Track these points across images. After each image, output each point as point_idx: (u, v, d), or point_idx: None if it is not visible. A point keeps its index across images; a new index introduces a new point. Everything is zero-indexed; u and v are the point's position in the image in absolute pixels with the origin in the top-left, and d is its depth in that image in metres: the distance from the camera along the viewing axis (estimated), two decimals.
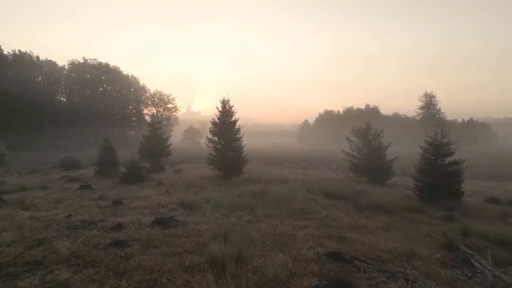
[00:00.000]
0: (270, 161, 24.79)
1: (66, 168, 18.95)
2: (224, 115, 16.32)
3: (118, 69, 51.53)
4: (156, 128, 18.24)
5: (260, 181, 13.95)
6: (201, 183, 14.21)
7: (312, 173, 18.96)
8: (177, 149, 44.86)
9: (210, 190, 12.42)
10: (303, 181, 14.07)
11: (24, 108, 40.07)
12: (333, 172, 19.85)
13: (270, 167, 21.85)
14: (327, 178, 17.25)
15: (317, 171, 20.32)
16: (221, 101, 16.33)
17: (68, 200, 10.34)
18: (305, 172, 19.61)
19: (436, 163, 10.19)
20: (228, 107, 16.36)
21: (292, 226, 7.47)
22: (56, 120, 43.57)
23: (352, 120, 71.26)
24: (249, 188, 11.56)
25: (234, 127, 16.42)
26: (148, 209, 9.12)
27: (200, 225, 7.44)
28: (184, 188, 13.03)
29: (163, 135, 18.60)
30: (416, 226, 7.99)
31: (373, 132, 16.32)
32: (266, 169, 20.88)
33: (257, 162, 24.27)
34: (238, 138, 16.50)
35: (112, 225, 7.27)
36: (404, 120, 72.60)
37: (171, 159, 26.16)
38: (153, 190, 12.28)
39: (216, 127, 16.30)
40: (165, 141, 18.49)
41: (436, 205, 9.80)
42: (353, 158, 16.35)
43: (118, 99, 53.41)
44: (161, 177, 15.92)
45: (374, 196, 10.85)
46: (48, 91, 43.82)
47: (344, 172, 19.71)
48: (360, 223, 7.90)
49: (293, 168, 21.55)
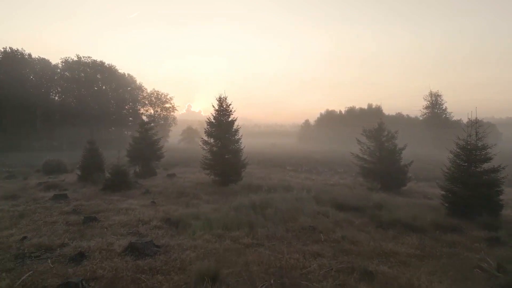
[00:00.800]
0: (271, 164, 23.22)
1: (49, 172, 17.36)
2: (220, 114, 14.73)
3: (113, 68, 49.98)
4: (146, 128, 16.66)
5: (260, 189, 12.36)
6: (194, 190, 12.62)
7: (317, 178, 17.38)
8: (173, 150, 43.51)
9: (203, 200, 10.83)
10: (309, 188, 12.48)
11: (15, 108, 38.50)
12: (340, 176, 18.27)
13: (271, 170, 20.27)
14: (334, 183, 15.67)
15: (323, 175, 18.76)
16: (218, 99, 14.75)
17: (35, 214, 8.75)
18: (309, 176, 18.04)
19: (470, 171, 8.58)
20: (226, 106, 14.77)
21: (302, 253, 5.89)
22: (49, 120, 42.00)
23: (354, 120, 69.80)
24: (248, 199, 9.97)
25: (232, 128, 14.85)
26: (126, 227, 7.54)
27: (186, 252, 5.86)
28: (175, 197, 11.45)
29: (154, 136, 17.00)
30: (456, 252, 6.39)
31: (386, 133, 14.74)
32: (267, 173, 19.30)
33: (257, 165, 22.69)
34: (236, 139, 14.92)
35: (73, 253, 5.71)
36: (407, 120, 70.99)
37: (166, 161, 24.58)
38: (138, 200, 10.70)
39: (212, 127, 14.71)
40: (156, 143, 16.90)
41: (472, 221, 8.21)
42: (364, 161, 14.75)
43: (114, 98, 51.82)
44: (151, 183, 14.33)
45: (395, 208, 9.25)
46: (40, 90, 42.27)
47: (352, 177, 18.12)
48: (387, 248, 6.30)
49: (296, 171, 19.98)
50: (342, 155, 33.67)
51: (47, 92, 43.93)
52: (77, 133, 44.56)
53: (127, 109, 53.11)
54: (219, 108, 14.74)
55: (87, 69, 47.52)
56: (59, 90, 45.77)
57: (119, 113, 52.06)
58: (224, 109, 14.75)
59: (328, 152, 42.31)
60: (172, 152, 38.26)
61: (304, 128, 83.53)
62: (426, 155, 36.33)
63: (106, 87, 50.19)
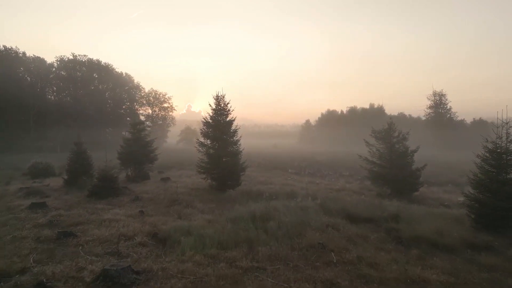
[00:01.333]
0: (272, 166, 22.16)
1: (36, 175, 16.29)
2: (218, 113, 13.67)
3: (110, 66, 48.90)
4: (139, 129, 15.58)
5: (261, 195, 11.31)
6: (188, 197, 11.55)
7: (322, 182, 16.31)
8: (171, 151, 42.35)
9: (197, 209, 9.76)
10: (314, 195, 11.44)
11: (8, 107, 37.41)
12: (346, 180, 17.20)
13: (272, 173, 19.20)
14: (340, 188, 14.60)
15: (327, 178, 17.70)
16: (215, 97, 13.69)
17: (5, 227, 7.70)
18: (313, 180, 16.97)
19: (501, 178, 7.50)
20: (223, 104, 13.71)
21: (312, 282, 4.84)
22: (43, 120, 40.89)
23: (357, 121, 68.78)
24: (247, 208, 8.89)
25: (230, 128, 13.78)
26: (105, 244, 6.49)
27: (171, 281, 4.81)
28: (166, 205, 10.38)
29: (148, 138, 15.91)
30: (497, 278, 5.34)
31: (397, 134, 13.69)
32: (268, 176, 18.22)
33: (258, 168, 21.62)
34: (235, 141, 13.85)
35: (32, 282, 4.67)
36: (410, 121, 69.89)
37: (162, 163, 23.50)
38: (125, 209, 9.61)
39: (208, 128, 13.64)
40: (149, 145, 15.81)
41: (505, 236, 7.14)
42: (373, 165, 13.69)
43: (111, 98, 50.75)
44: (142, 188, 13.26)
45: (413, 219, 8.18)
46: (35, 90, 41.18)
47: (359, 180, 17.07)
48: (414, 274, 5.22)
49: (299, 175, 18.92)
50: (345, 157, 32.61)
51: (42, 91, 42.82)
52: (71, 134, 43.51)
53: (124, 109, 52.03)
54: (216, 107, 13.68)
55: (83, 68, 46.46)
56: (54, 90, 44.70)
57: (116, 113, 50.98)
58: (221, 108, 13.69)
59: (330, 153, 41.24)
60: (170, 153, 37.18)
61: (305, 129, 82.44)
62: (432, 157, 35.23)
63: (102, 86, 49.10)
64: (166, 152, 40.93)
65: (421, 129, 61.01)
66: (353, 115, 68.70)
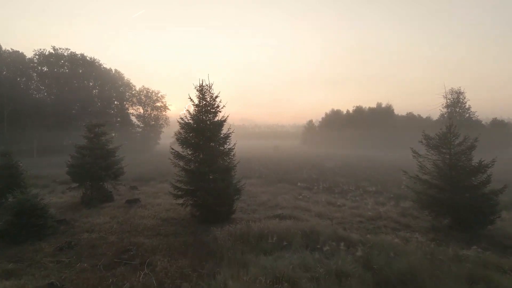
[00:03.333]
0: (277, 178, 17.97)
1: None
2: (202, 111, 9.54)
3: (97, 62, 44.65)
4: (97, 134, 11.42)
5: (265, 238, 7.19)
6: (152, 240, 7.39)
7: (345, 204, 12.14)
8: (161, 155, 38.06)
9: (154, 273, 5.60)
10: (347, 239, 7.33)
11: None
12: (375, 200, 12.99)
13: (278, 188, 15.03)
14: (374, 216, 10.42)
15: (349, 196, 13.53)
16: (198, 88, 9.56)
17: None
18: (332, 200, 12.81)
19: None
20: (210, 98, 9.58)
21: None
22: (18, 121, 36.72)
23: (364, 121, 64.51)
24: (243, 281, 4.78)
25: (220, 132, 9.66)
26: None
27: None
28: (109, 260, 6.24)
29: (109, 145, 11.70)
30: None
31: (461, 140, 9.58)
32: (272, 192, 14.06)
33: (259, 180, 17.45)
34: (227, 150, 9.72)
35: None
36: (419, 121, 65.69)
37: (141, 173, 19.36)
38: (25, 279, 5.49)
39: (188, 132, 9.50)
40: (112, 155, 11.64)
41: None
42: (427, 185, 9.53)
43: (99, 96, 46.57)
44: (92, 219, 9.12)
45: None
46: (11, 87, 36.96)
47: (392, 200, 12.92)
48: None
49: (312, 190, 14.74)
50: (359, 163, 28.44)
51: (19, 88, 38.62)
52: (54, 136, 39.41)
53: (113, 109, 47.87)
54: (199, 102, 9.55)
55: (66, 63, 42.28)
56: (33, 87, 40.54)
57: (104, 112, 46.80)
58: (207, 104, 9.55)
59: (339, 157, 37.06)
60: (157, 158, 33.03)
61: (308, 129, 78.14)
62: None
63: (88, 83, 44.94)
64: (156, 157, 36.84)
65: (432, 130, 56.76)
66: (360, 115, 64.44)
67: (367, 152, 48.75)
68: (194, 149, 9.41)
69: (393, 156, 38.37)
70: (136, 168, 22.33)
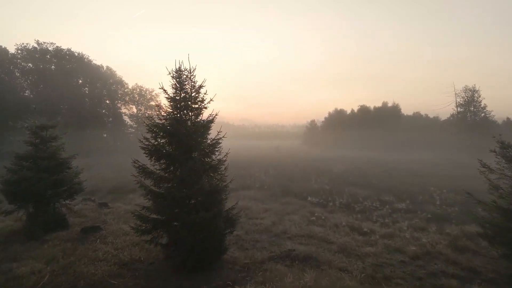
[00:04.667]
0: (281, 190, 15.04)
1: None
2: (180, 107, 6.62)
3: (86, 58, 41.74)
4: (44, 138, 8.49)
5: None
6: None
7: (377, 231, 9.18)
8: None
9: None
10: None
11: None
12: (409, 221, 10.09)
13: (283, 205, 12.11)
14: (420, 253, 7.53)
15: (375, 216, 10.63)
16: (174, 73, 6.66)
17: None
18: (356, 224, 9.87)
19: None
20: (192, 87, 6.68)
21: None
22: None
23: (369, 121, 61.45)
24: None
25: (206, 136, 6.74)
26: None
27: None
28: None
29: (61, 152, 8.74)
30: None
31: None
32: (277, 212, 11.16)
33: (261, 191, 14.51)
34: (215, 163, 6.79)
35: None
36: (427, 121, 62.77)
37: (122, 184, 16.44)
38: None
39: (158, 137, 6.57)
40: (65, 166, 8.70)
41: None
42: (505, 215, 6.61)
43: (89, 95, 43.67)
44: (11, 268, 6.23)
45: None
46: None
47: (431, 222, 9.99)
48: None
49: (327, 208, 11.79)
50: (371, 168, 25.49)
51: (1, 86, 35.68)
52: None
53: (104, 107, 44.95)
54: (175, 94, 6.65)
55: (53, 59, 39.35)
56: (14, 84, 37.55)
57: (95, 112, 43.92)
58: (188, 97, 6.64)
59: (346, 159, 34.12)
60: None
61: (310, 129, 75.15)
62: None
63: (77, 80, 42.00)
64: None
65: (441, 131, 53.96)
66: (366, 115, 61.46)
67: (374, 153, 45.85)
68: (168, 163, 6.49)
69: (405, 159, 35.46)
70: (119, 174, 19.45)
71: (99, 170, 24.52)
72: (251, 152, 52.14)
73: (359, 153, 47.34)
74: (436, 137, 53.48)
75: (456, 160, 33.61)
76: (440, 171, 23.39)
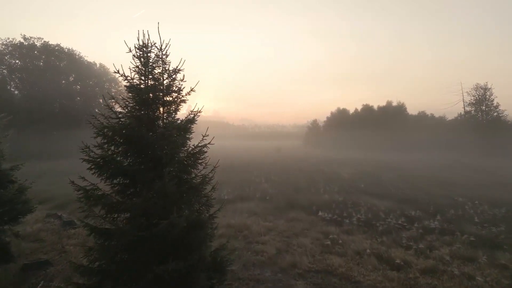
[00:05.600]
0: (286, 199, 12.88)
1: None
2: (146, 99, 4.50)
3: (77, 54, 39.63)
4: None
5: None
6: None
7: (413, 262, 7.02)
8: None
9: None
10: None
11: None
12: (451, 249, 8.02)
13: (289, 223, 9.96)
14: None
15: (406, 240, 8.54)
16: (135, 52, 4.54)
17: None
18: (383, 250, 7.78)
19: None
20: (163, 72, 4.57)
21: None
22: None
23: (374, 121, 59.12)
24: None
25: (184, 142, 4.63)
26: None
27: None
28: None
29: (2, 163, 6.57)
30: None
31: None
32: (282, 234, 9.03)
33: (261, 204, 12.36)
34: (197, 182, 4.66)
35: None
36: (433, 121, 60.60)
37: None
38: None
39: (112, 143, 4.45)
40: (6, 179, 6.53)
41: None
42: None
43: (81, 93, 41.53)
44: None
45: None
46: None
47: (482, 252, 7.86)
48: None
49: (343, 227, 9.59)
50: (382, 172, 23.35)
51: None
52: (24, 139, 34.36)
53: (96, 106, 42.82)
54: (140, 80, 4.55)
55: (43, 56, 37.23)
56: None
57: (88, 111, 41.75)
58: (158, 87, 4.53)
59: (352, 161, 32.00)
60: None
61: (312, 130, 72.99)
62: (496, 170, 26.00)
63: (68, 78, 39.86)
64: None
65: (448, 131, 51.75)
66: (369, 115, 59.34)
67: (380, 155, 43.75)
68: (127, 183, 4.37)
69: (415, 161, 33.32)
70: None
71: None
72: (251, 153, 50.00)
73: (365, 154, 45.24)
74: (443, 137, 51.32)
75: (470, 163, 31.50)
76: (458, 176, 21.28)
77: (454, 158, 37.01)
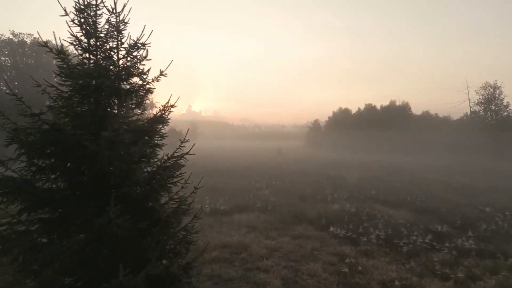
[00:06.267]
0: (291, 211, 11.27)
1: None
2: (88, 88, 2.95)
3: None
4: None
5: None
6: None
7: None
8: None
9: None
10: None
11: None
12: (497, 278, 6.57)
13: (296, 241, 8.37)
14: None
15: (440, 266, 7.04)
16: (77, 13, 2.99)
17: None
18: (414, 281, 6.28)
19: None
20: (120, 44, 3.02)
21: None
22: None
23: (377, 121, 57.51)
24: None
25: (145, 148, 3.08)
26: None
27: None
28: None
29: None
30: None
31: None
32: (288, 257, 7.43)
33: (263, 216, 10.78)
34: (169, 212, 3.10)
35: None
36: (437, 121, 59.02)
37: None
38: None
39: (36, 155, 2.89)
40: None
41: None
42: None
43: None
44: None
45: None
46: None
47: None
48: None
49: (360, 247, 8.04)
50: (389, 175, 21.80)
51: None
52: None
53: None
54: (83, 60, 3.01)
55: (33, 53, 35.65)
56: None
57: None
58: (108, 66, 2.99)
59: (357, 164, 30.45)
60: None
61: (313, 130, 71.43)
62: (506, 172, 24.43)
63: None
64: None
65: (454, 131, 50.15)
66: (373, 114, 57.77)
67: (386, 157, 42.25)
68: (52, 219, 2.81)
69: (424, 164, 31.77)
70: None
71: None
72: (251, 153, 48.50)
73: (370, 156, 43.74)
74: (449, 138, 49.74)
75: (482, 165, 29.96)
76: (475, 181, 19.72)
77: (464, 160, 35.47)
